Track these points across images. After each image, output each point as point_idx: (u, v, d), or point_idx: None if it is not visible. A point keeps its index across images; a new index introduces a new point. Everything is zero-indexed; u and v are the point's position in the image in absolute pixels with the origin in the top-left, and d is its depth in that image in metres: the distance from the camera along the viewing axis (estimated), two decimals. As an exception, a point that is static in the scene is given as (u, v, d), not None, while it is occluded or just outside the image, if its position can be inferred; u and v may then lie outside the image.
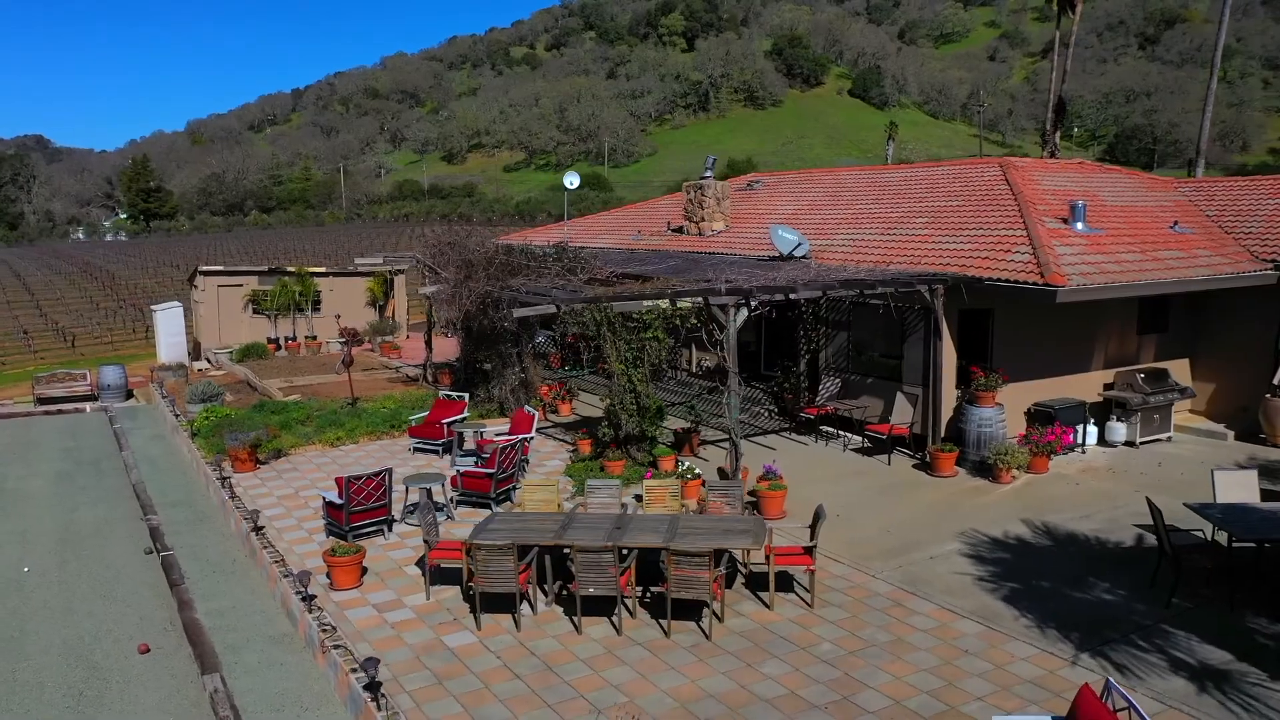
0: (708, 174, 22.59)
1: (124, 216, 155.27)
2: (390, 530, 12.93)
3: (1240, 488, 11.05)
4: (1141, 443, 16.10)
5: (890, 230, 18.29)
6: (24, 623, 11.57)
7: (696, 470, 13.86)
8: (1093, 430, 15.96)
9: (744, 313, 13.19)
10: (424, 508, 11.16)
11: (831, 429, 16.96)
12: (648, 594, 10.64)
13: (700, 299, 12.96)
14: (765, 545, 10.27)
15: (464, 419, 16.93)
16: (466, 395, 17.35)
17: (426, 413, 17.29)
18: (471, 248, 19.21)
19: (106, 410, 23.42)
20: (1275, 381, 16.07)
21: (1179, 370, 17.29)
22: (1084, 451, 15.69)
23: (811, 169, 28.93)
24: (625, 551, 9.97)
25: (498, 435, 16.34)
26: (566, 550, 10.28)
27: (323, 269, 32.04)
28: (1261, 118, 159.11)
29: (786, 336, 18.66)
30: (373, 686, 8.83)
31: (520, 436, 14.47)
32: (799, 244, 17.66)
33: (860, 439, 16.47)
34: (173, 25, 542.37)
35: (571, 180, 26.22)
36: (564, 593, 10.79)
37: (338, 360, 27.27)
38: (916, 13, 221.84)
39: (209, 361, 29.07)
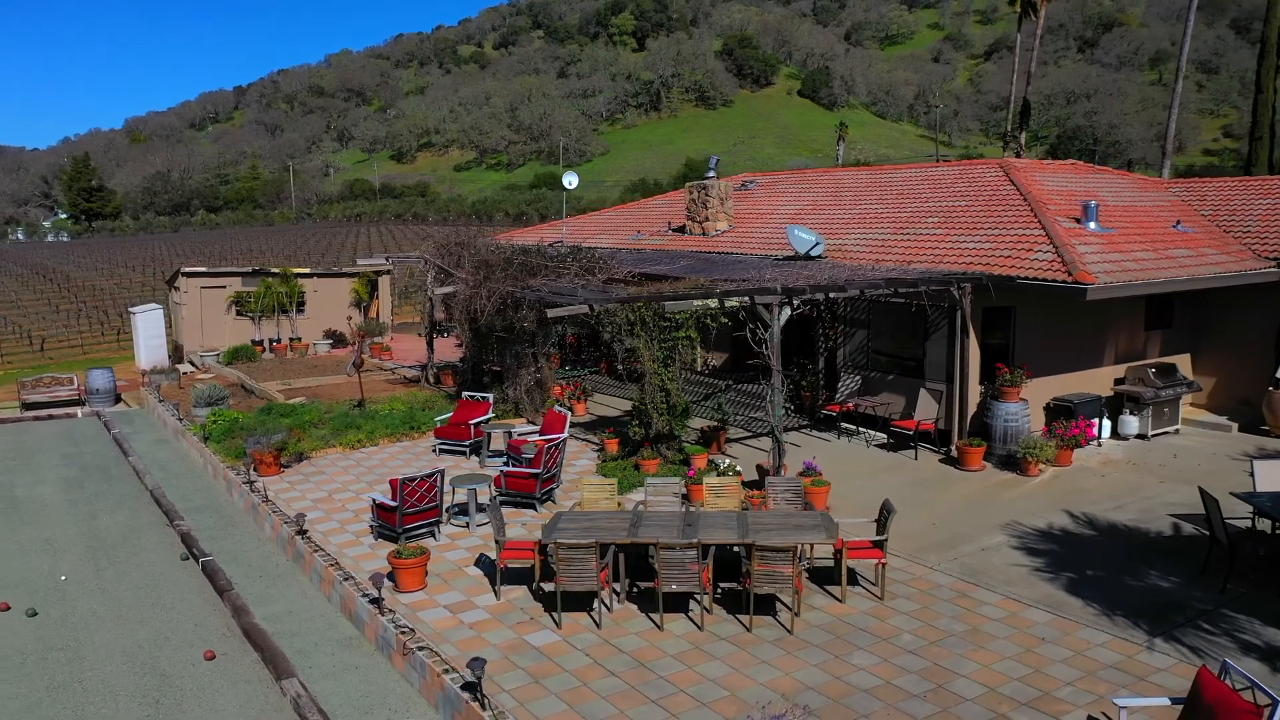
0: (711, 174, 22.79)
1: (64, 216, 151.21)
2: (439, 532, 12.90)
3: (1280, 476, 11.51)
4: (1153, 435, 16.64)
5: (902, 230, 18.63)
6: (75, 631, 11.37)
7: (738, 467, 14.02)
8: (1106, 424, 16.44)
9: (786, 311, 13.39)
10: (494, 508, 11.18)
11: (852, 426, 17.24)
12: (718, 590, 10.77)
13: (746, 297, 13.11)
14: (838, 539, 10.47)
15: (489, 419, 16.91)
16: (490, 396, 17.32)
17: (450, 414, 17.23)
18: (481, 248, 19.17)
19: (99, 415, 22.92)
20: (1278, 375, 16.69)
21: (1182, 365, 17.86)
22: (1100, 445, 16.15)
23: (805, 169, 29.30)
24: (706, 548, 10.10)
25: (523, 435, 16.35)
26: (647, 548, 10.39)
27: (307, 270, 31.64)
28: (1196, 119, 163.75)
29: (797, 335, 18.89)
30: (471, 686, 8.86)
31: (560, 436, 14.50)
32: (816, 243, 17.93)
33: (881, 435, 16.77)
34: (108, 20, 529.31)
35: (570, 180, 26.21)
36: (634, 590, 10.90)
37: (342, 362, 27.02)
38: (862, 14, 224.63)
39: (193, 365, 28.57)
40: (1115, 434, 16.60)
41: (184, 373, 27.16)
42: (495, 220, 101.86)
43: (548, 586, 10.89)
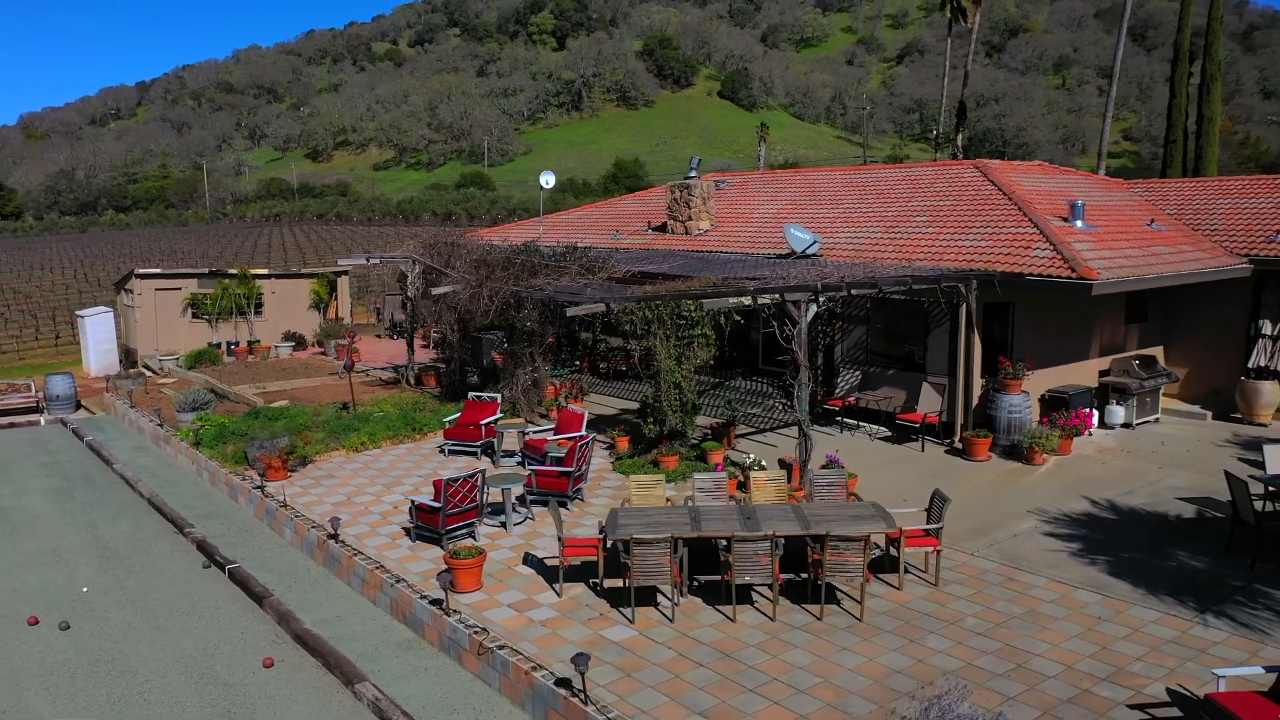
0: (693, 174, 23.03)
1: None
2: (477, 533, 12.85)
3: (1291, 459, 12.23)
4: (1137, 424, 17.44)
5: (892, 229, 19.14)
6: (116, 644, 11.05)
7: (763, 462, 14.28)
8: (1094, 414, 17.17)
9: (813, 308, 13.70)
10: (554, 507, 11.21)
11: (853, 420, 17.66)
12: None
13: (776, 295, 13.37)
14: (896, 529, 10.79)
15: (497, 419, 16.86)
16: (499, 396, 17.26)
17: (457, 415, 17.12)
18: (476, 248, 19.08)
19: (65, 423, 22.10)
20: (1250, 365, 17.67)
21: (1157, 357, 18.75)
22: (1091, 434, 16.87)
23: (777, 169, 29.73)
24: (778, 541, 10.31)
25: (540, 434, 16.37)
26: (709, 541, 10.56)
27: (265, 270, 30.92)
28: (1097, 123, 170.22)
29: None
30: (565, 683, 8.93)
31: (586, 435, 14.57)
32: (813, 242, 18.31)
33: (882, 429, 17.22)
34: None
35: (547, 180, 26.17)
36: (694, 582, 11.06)
37: (310, 365, 26.50)
38: (778, 17, 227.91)
39: (149, 369, 27.68)
40: (1103, 423, 17.35)
41: (146, 378, 26.31)
42: (422, 220, 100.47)
43: (609, 583, 11.00)
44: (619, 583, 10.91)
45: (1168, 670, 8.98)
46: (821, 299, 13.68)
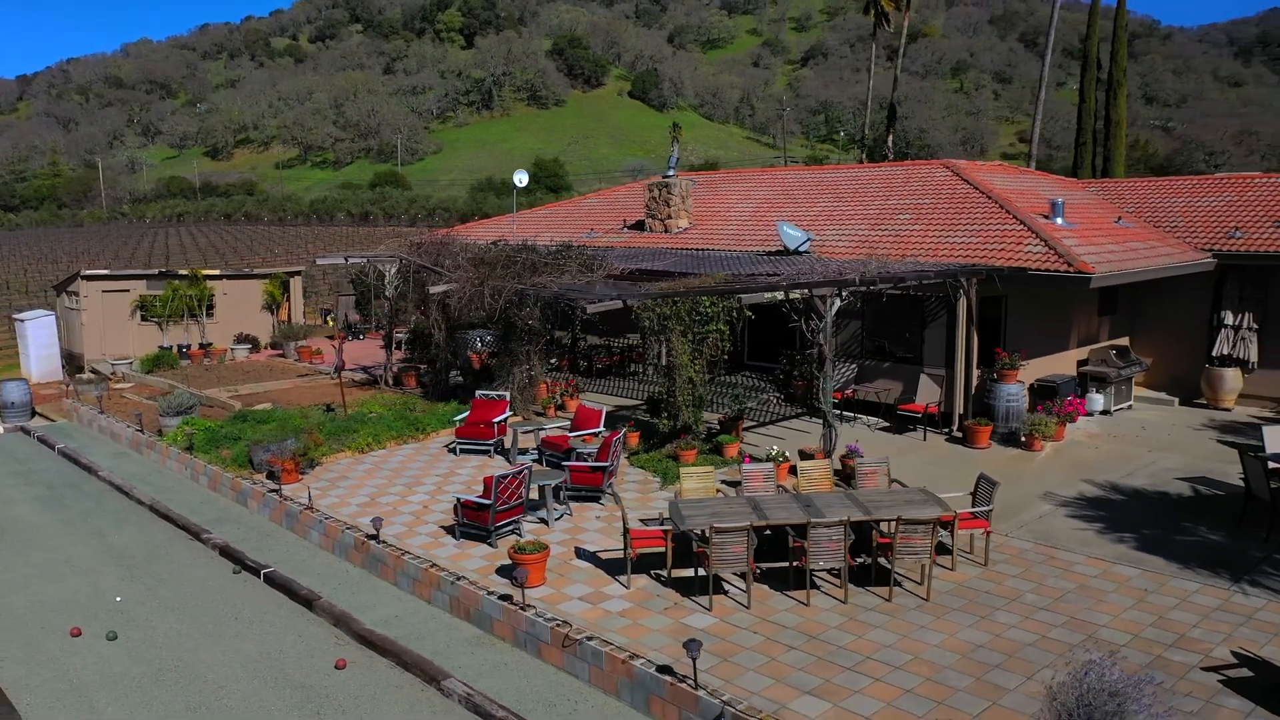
0: (671, 171, 23.30)
1: None
2: (521, 529, 12.89)
3: (1289, 439, 13.16)
4: (1114, 411, 18.40)
5: (878, 226, 19.76)
6: (173, 652, 10.79)
7: (785, 453, 14.65)
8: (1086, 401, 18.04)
9: (836, 303, 14.13)
10: (616, 498, 11.34)
11: (850, 413, 18.17)
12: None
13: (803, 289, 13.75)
14: (951, 512, 11.26)
15: (507, 418, 16.86)
16: (507, 394, 17.24)
17: (465, 413, 17.05)
18: (472, 248, 19.03)
19: (28, 430, 21.17)
20: (1214, 353, 18.81)
21: (1128, 346, 19.79)
22: (1075, 421, 17.72)
23: (741, 169, 30.19)
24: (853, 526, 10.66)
25: (561, 431, 16.44)
26: (781, 529, 10.86)
27: (217, 271, 30.06)
28: (994, 125, 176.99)
29: (775, 327, 19.67)
30: (667, 669, 9.12)
31: (607, 431, 14.71)
32: (806, 239, 18.79)
33: (879, 420, 17.78)
34: None
35: (521, 178, 26.08)
36: (758, 570, 11.34)
37: (272, 368, 25.88)
38: (684, 18, 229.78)
39: (97, 373, 26.65)
40: (1083, 410, 18.23)
41: (84, 379, 25.33)
42: (337, 220, 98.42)
43: (676, 573, 11.20)
44: (687, 572, 11.15)
45: (1224, 635, 9.64)
46: (845, 293, 14.11)
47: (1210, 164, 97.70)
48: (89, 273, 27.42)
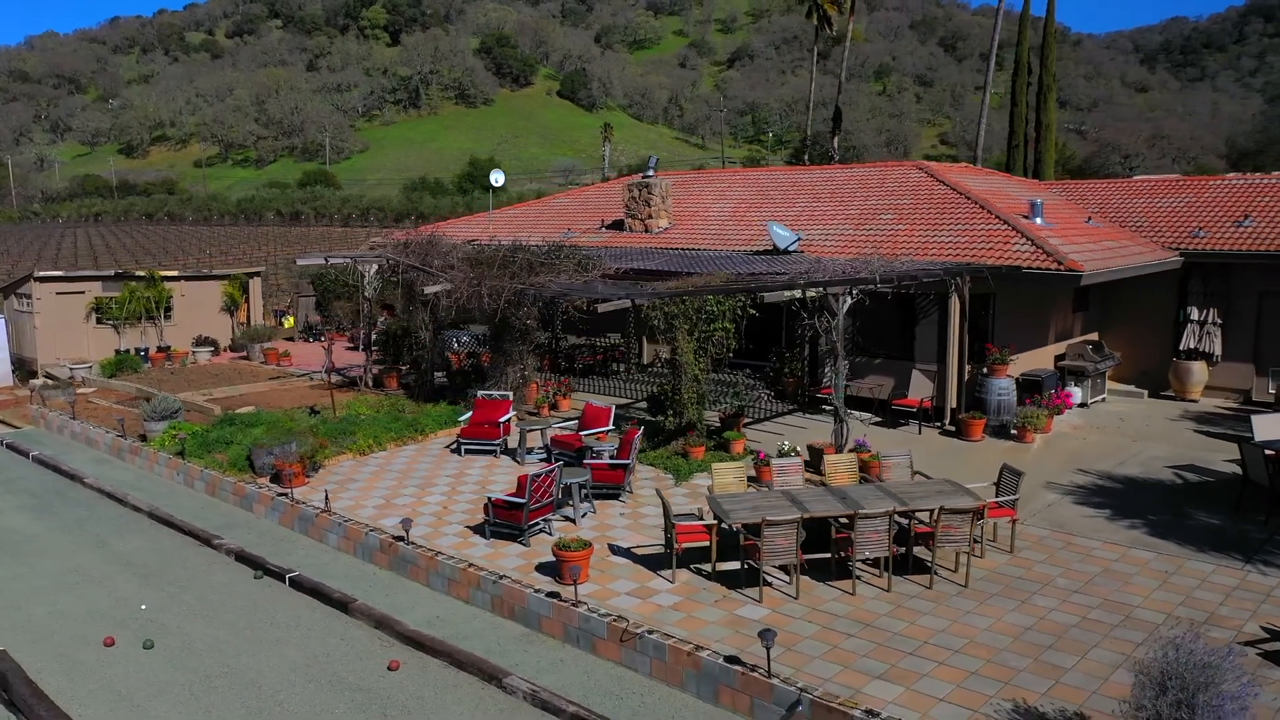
0: (650, 172, 23.48)
1: None
2: (550, 527, 12.95)
3: (1276, 426, 13.89)
4: (1091, 403, 19.15)
5: (862, 226, 20.22)
6: (216, 658, 10.61)
7: (798, 448, 14.96)
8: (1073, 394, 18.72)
9: (848, 300, 14.49)
10: (660, 493, 11.48)
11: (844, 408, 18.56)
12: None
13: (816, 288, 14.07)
14: (982, 502, 11.67)
15: (510, 418, 16.86)
16: (510, 394, 17.22)
17: (469, 414, 16.99)
18: (467, 248, 19.00)
19: (-7, 438, 20.40)
20: (1181, 347, 19.71)
21: (1102, 341, 20.60)
22: (1063, 413, 18.38)
23: (713, 169, 30.47)
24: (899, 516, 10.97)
25: (571, 430, 16.48)
26: (837, 521, 11.13)
27: (175, 272, 29.27)
28: (916, 127, 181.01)
29: (764, 325, 20.00)
30: (735, 659, 9.31)
31: (639, 427, 14.86)
32: (795, 239, 19.15)
33: (871, 415, 18.22)
34: None
35: (497, 178, 25.96)
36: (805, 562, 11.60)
37: (240, 370, 25.33)
38: (610, 18, 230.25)
39: (52, 378, 25.75)
40: (1070, 403, 18.94)
41: (42, 383, 24.50)
42: (266, 220, 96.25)
43: (721, 566, 11.40)
44: (733, 565, 11.35)
45: (1250, 612, 10.21)
46: (856, 291, 14.47)
47: (1125, 166, 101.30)
48: (42, 274, 26.48)
